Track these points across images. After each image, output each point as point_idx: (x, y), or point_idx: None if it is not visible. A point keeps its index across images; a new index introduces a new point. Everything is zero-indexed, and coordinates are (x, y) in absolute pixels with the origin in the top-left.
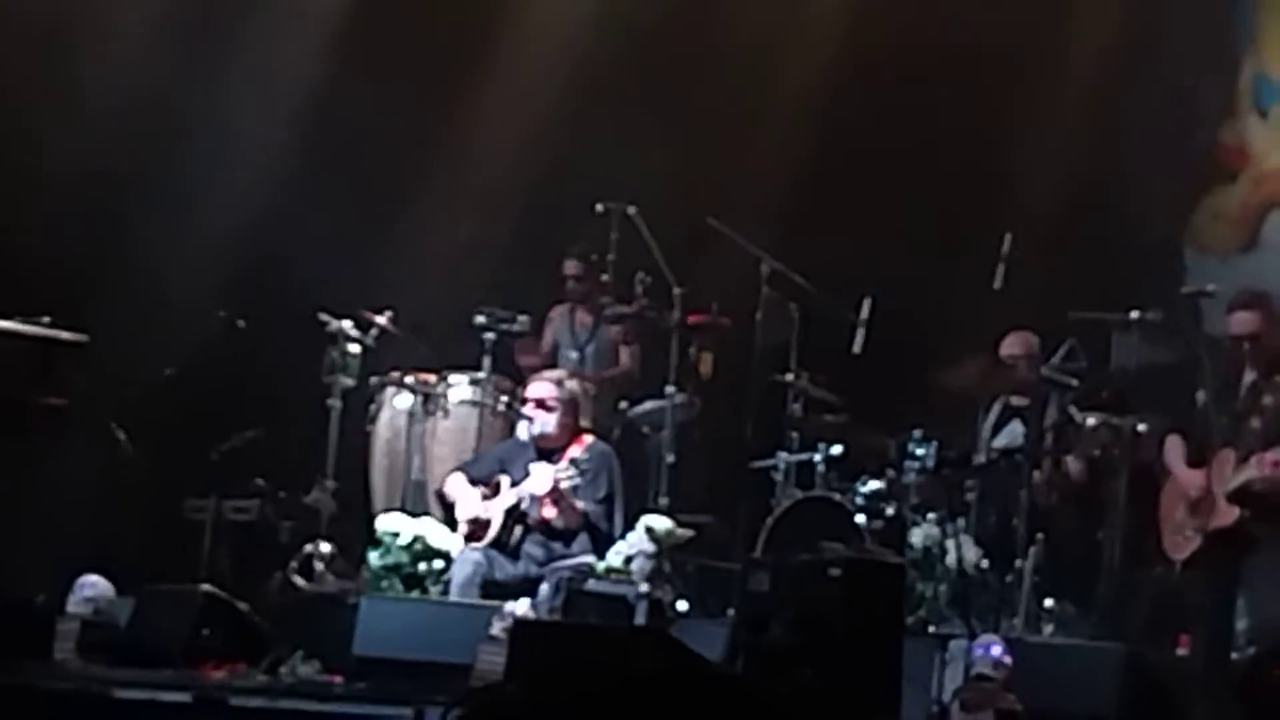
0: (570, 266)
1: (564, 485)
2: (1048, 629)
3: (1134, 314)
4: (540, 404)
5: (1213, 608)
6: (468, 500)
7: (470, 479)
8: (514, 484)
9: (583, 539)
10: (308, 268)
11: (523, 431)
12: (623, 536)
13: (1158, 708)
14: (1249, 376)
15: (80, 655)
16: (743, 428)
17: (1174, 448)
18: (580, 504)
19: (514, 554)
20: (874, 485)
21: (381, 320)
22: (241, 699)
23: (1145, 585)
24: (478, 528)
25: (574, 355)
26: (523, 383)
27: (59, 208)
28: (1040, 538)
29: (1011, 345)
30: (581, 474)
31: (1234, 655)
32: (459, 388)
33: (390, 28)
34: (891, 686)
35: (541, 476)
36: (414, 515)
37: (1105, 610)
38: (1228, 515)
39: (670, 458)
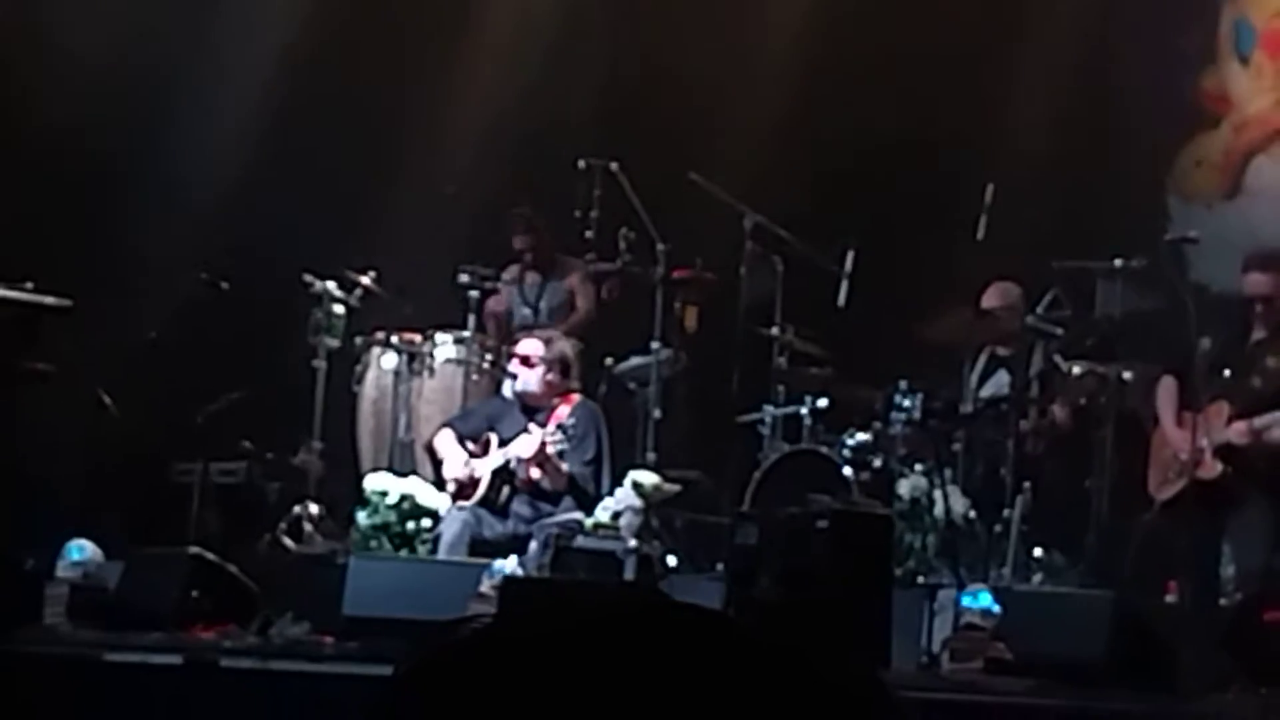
0: (519, 241)
1: (551, 450)
2: (1036, 578)
3: (1118, 262)
4: (525, 360)
5: (1198, 556)
6: (454, 460)
7: (459, 435)
8: (503, 443)
9: (572, 496)
10: (291, 228)
11: (506, 388)
12: (610, 493)
13: (1147, 654)
14: (1257, 334)
15: (70, 619)
16: (728, 382)
17: (1167, 391)
18: (566, 466)
19: (502, 512)
20: (860, 437)
21: (365, 280)
22: (232, 660)
23: (1133, 532)
24: (464, 487)
25: (527, 313)
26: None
27: (40, 172)
28: (1027, 487)
29: (991, 297)
30: (569, 439)
31: (1222, 601)
32: (444, 346)
33: None
34: (881, 637)
35: (528, 441)
36: (401, 475)
37: (1093, 558)
38: (1211, 469)
39: (656, 413)
